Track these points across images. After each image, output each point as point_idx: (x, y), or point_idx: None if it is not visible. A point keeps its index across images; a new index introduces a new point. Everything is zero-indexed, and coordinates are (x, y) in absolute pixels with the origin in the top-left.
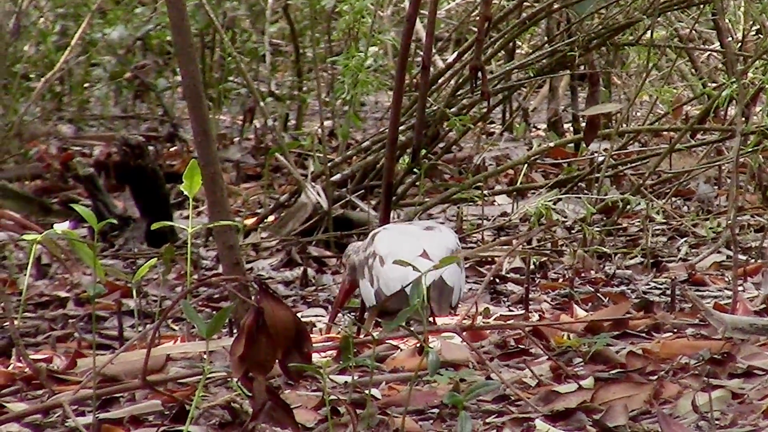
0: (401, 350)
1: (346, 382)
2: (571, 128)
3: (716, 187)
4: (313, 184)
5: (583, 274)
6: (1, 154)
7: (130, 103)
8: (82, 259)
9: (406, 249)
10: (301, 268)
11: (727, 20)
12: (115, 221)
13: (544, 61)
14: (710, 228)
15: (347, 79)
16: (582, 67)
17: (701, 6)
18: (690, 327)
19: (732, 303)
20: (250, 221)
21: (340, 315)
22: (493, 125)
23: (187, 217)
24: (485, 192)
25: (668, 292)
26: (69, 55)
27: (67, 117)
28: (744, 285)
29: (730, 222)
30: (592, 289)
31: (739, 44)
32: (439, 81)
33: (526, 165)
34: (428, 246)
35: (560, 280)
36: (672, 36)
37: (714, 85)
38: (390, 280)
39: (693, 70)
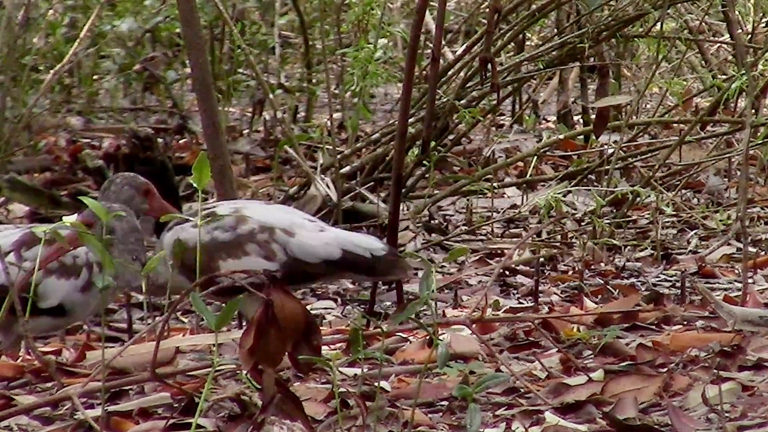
0: (411, 342)
1: (355, 374)
2: (581, 120)
3: (726, 179)
4: (322, 176)
5: (592, 267)
6: (11, 146)
7: (139, 95)
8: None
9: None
10: None
11: (737, 12)
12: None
13: (553, 53)
14: (720, 220)
15: (357, 71)
16: (592, 59)
17: None
18: (700, 319)
19: (742, 295)
20: None
21: (349, 308)
22: (502, 117)
23: None
24: (495, 184)
25: (678, 284)
26: (78, 47)
27: (76, 109)
28: (754, 277)
29: (740, 214)
30: (602, 282)
31: (749, 36)
32: (449, 73)
33: (535, 157)
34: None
35: (570, 273)
36: (682, 28)
37: (724, 77)
38: (312, 247)
39: (703, 62)
